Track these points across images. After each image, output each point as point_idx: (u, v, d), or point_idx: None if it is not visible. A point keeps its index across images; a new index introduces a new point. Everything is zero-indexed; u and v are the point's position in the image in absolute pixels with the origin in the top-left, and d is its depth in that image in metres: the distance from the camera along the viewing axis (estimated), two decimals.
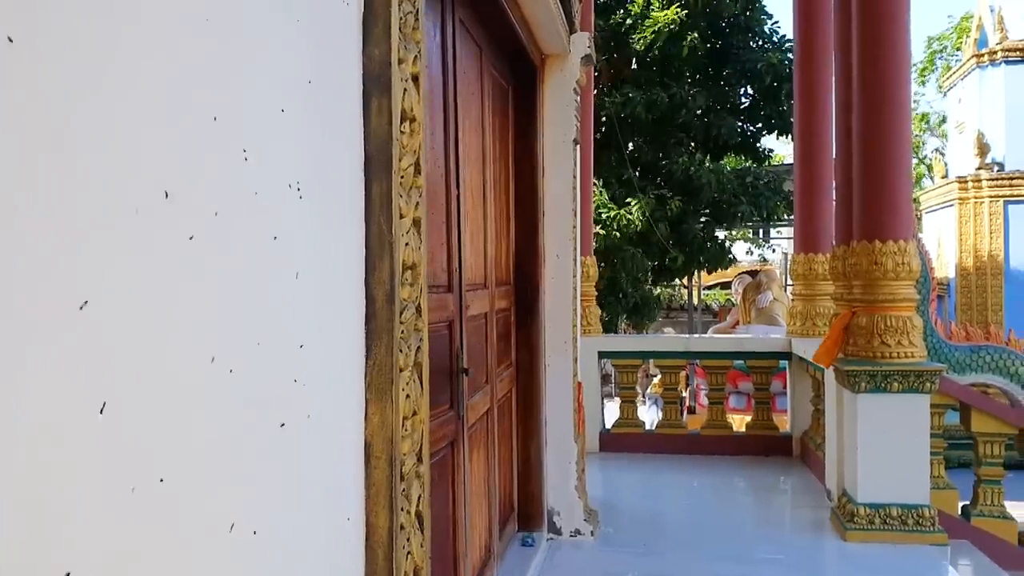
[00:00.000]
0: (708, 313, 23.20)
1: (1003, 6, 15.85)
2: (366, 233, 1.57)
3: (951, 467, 6.90)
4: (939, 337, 5.49)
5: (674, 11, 11.40)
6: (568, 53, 4.75)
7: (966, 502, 5.58)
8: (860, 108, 5.07)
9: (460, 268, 3.36)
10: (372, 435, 1.57)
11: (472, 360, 3.62)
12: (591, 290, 7.57)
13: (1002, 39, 15.66)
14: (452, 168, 3.28)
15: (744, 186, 12.72)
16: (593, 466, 6.67)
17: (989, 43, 16.06)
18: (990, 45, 15.97)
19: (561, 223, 4.83)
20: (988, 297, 15.59)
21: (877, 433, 4.87)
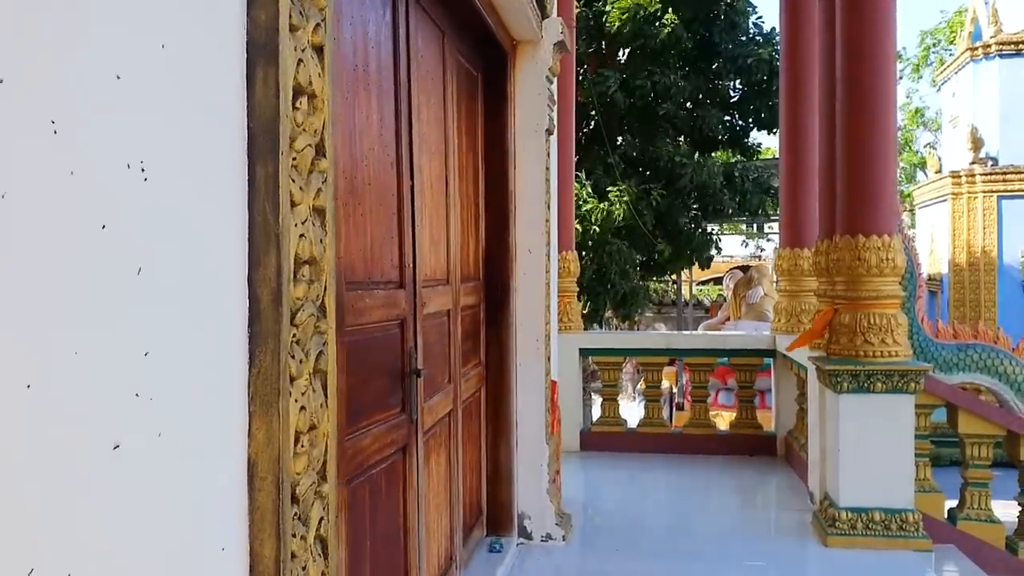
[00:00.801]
0: (700, 309, 23.04)
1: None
2: (249, 223, 1.38)
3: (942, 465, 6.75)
4: (925, 335, 5.31)
5: None
6: (540, 39, 4.56)
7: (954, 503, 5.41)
8: (843, 98, 4.88)
9: (414, 263, 3.17)
10: (256, 453, 1.38)
11: (431, 360, 3.44)
12: (572, 286, 7.38)
13: (996, 32, 15.48)
14: (405, 157, 3.09)
15: (731, 181, 12.53)
16: (573, 466, 6.50)
17: (983, 36, 15.87)
18: (984, 38, 15.79)
19: (533, 217, 4.64)
20: (981, 293, 15.43)
21: (860, 435, 4.69)
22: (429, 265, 3.44)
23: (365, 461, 2.68)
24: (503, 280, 4.54)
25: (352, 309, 2.56)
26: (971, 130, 15.66)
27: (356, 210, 2.63)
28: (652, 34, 11.62)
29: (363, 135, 2.71)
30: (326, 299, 1.57)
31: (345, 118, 2.56)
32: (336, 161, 2.49)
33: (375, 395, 2.79)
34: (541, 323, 4.65)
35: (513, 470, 4.52)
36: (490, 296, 4.53)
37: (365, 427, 2.69)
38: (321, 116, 1.54)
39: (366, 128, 2.74)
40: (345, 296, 2.50)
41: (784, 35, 7.20)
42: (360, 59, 2.72)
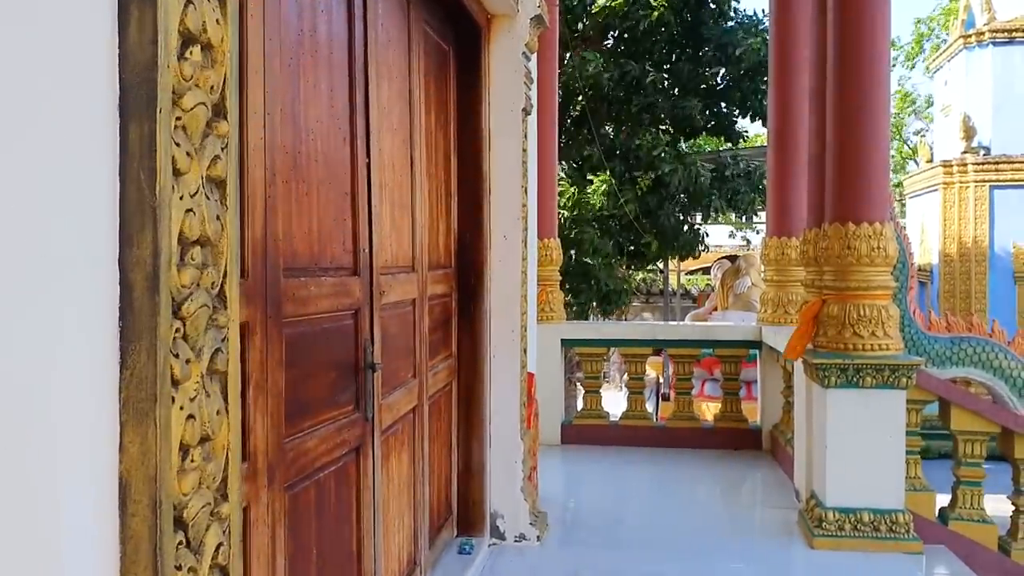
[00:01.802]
0: (688, 298, 22.86)
1: None
2: (120, 194, 1.14)
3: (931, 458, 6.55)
4: (917, 328, 5.11)
5: None
6: (516, 13, 4.32)
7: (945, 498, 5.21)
8: (835, 81, 4.66)
9: (371, 248, 2.93)
10: (129, 472, 1.15)
11: (391, 353, 3.21)
12: (554, 274, 7.15)
13: (990, 19, 15.27)
14: (360, 132, 2.85)
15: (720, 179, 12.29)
16: (553, 460, 6.30)
17: (977, 24, 15.67)
18: (977, 26, 15.58)
19: (509, 201, 4.41)
20: (972, 284, 15.27)
21: (848, 432, 4.49)
22: (390, 251, 3.21)
23: (310, 464, 2.45)
24: (477, 268, 4.31)
25: (293, 298, 2.33)
26: (963, 119, 15.48)
27: (299, 188, 2.40)
28: (640, 16, 11.36)
29: (309, 105, 2.47)
30: (226, 287, 1.33)
31: (287, 86, 2.32)
32: (274, 132, 2.26)
33: (323, 392, 2.56)
34: (517, 313, 4.42)
35: (486, 467, 4.30)
36: (463, 284, 4.29)
37: (310, 427, 2.46)
38: (221, 70, 1.30)
39: (313, 98, 2.50)
40: (283, 283, 2.27)
41: (773, 20, 6.97)
42: (307, 23, 2.48)
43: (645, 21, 11.35)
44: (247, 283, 2.07)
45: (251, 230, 2.09)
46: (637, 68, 11.64)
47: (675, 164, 11.29)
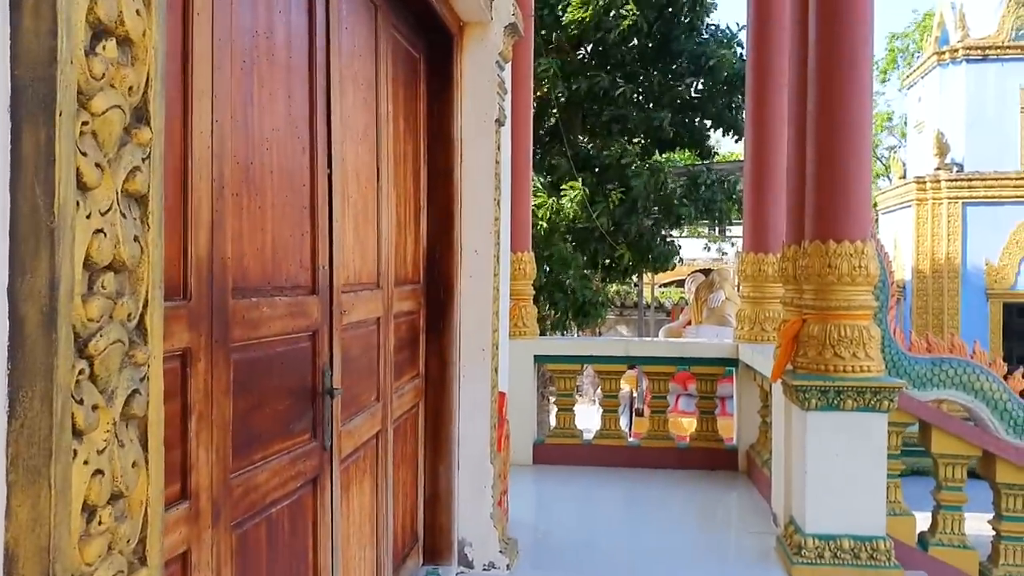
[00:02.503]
0: (662, 311, 22.80)
1: (964, 4, 15.54)
2: (11, 212, 0.97)
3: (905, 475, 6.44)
4: (898, 348, 4.99)
5: None
6: (489, 21, 4.17)
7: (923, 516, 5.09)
8: (816, 96, 4.54)
9: (331, 265, 2.76)
10: (16, 541, 0.97)
11: (353, 376, 3.03)
12: (527, 288, 6.99)
13: (963, 37, 15.34)
14: (321, 142, 2.68)
15: (694, 187, 12.20)
16: (524, 481, 6.12)
17: (950, 41, 15.74)
18: (951, 43, 15.65)
19: (481, 214, 4.24)
20: (945, 301, 15.29)
21: (828, 456, 4.35)
22: (352, 267, 3.03)
23: (261, 500, 2.26)
24: (446, 283, 4.14)
25: (243, 320, 2.15)
26: (937, 135, 15.52)
27: (252, 201, 2.22)
28: (612, 25, 11.24)
29: (264, 112, 2.30)
30: (147, 318, 1.15)
31: (239, 91, 2.15)
32: (223, 141, 2.09)
33: (276, 421, 2.38)
34: (488, 331, 4.25)
35: (453, 493, 4.12)
36: (431, 301, 4.12)
37: (262, 460, 2.28)
38: (143, 69, 1.12)
39: (268, 105, 2.33)
40: (232, 305, 2.09)
41: (751, 32, 6.87)
42: (262, 24, 2.30)
43: (616, 31, 11.25)
44: (190, 306, 1.89)
45: (195, 248, 1.91)
46: (606, 79, 11.53)
47: (642, 172, 11.18)
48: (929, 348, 5.02)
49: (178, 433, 1.88)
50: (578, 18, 11.08)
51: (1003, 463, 4.76)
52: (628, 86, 11.55)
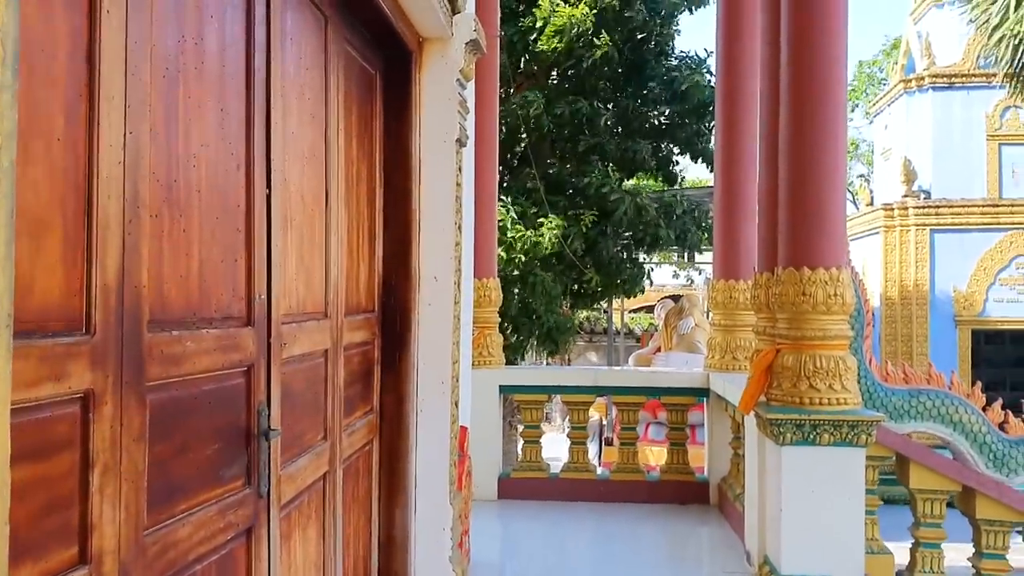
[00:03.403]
0: (631, 337, 22.66)
1: (930, 32, 15.66)
2: None
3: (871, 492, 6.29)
4: (874, 379, 4.83)
5: (582, 10, 10.71)
6: (450, 37, 3.97)
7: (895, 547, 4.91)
8: (789, 120, 4.40)
9: (270, 293, 2.52)
10: None
11: (295, 414, 2.79)
12: (493, 316, 6.78)
13: (929, 65, 15.45)
14: (259, 159, 2.45)
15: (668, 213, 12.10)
16: (489, 516, 5.88)
17: (917, 69, 15.84)
18: (917, 71, 15.75)
19: (441, 239, 4.03)
20: (914, 328, 15.27)
21: (805, 493, 4.16)
22: (296, 295, 2.80)
23: (183, 557, 2.01)
24: (403, 312, 3.91)
25: (162, 357, 1.91)
26: (904, 162, 15.57)
27: (175, 223, 1.99)
28: (585, 56, 11.15)
29: (192, 125, 2.08)
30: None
31: (160, 100, 1.92)
32: (138, 155, 1.86)
33: (201, 468, 2.13)
34: (447, 362, 4.02)
35: (410, 536, 3.86)
36: (387, 331, 3.89)
37: (184, 512, 2.03)
38: None
39: (197, 117, 2.11)
40: (148, 339, 1.85)
41: (720, 58, 6.75)
42: (190, 29, 2.08)
43: (589, 60, 11.15)
44: (93, 341, 1.65)
45: (101, 276, 1.68)
46: (587, 106, 11.42)
47: (623, 195, 11.05)
48: (906, 379, 4.87)
49: (76, 488, 1.63)
50: (552, 47, 10.97)
51: (983, 498, 4.60)
52: (604, 114, 11.45)
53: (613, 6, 11.09)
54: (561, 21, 10.79)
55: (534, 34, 11.20)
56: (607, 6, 11.02)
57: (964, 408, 4.76)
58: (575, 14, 10.74)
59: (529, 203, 11.37)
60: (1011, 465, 4.69)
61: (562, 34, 10.91)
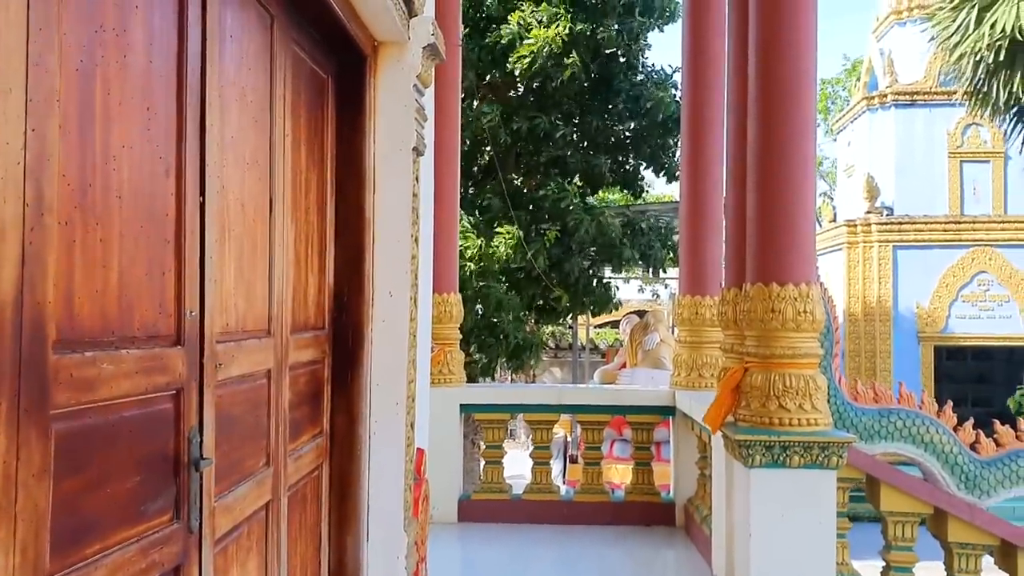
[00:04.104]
0: (596, 353, 22.53)
1: (893, 50, 15.77)
2: None
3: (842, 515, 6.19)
4: (844, 398, 4.71)
5: (554, 31, 10.60)
6: (406, 40, 3.80)
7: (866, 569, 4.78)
8: (758, 134, 4.28)
9: (203, 309, 2.32)
10: None
11: (234, 440, 2.58)
12: (454, 332, 6.59)
13: (892, 82, 15.55)
14: (191, 163, 2.25)
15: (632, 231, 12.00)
16: (448, 542, 5.68)
17: (879, 86, 15.94)
18: (880, 88, 15.85)
19: (396, 252, 3.83)
20: (877, 344, 15.30)
21: (774, 517, 4.02)
22: (234, 312, 2.60)
23: None
24: (356, 329, 3.71)
25: (71, 381, 1.71)
26: (867, 179, 15.64)
27: (89, 232, 1.79)
28: (554, 75, 11.03)
29: (112, 124, 1.88)
30: None
31: (73, 95, 1.73)
32: (44, 155, 1.64)
33: (120, 503, 1.93)
34: (403, 382, 3.82)
35: (362, 567, 3.65)
36: (338, 349, 3.68)
37: (98, 554, 1.82)
38: None
39: (119, 115, 1.91)
40: (54, 361, 1.65)
41: (686, 72, 6.64)
42: (111, 19, 1.89)
43: (558, 79, 11.03)
44: None
45: None
46: (546, 121, 11.30)
47: (582, 215, 10.93)
48: (876, 398, 4.75)
49: None
50: (523, 66, 10.82)
51: (955, 521, 4.49)
52: (568, 128, 11.33)
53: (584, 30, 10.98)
54: (534, 43, 10.65)
55: (501, 50, 11.05)
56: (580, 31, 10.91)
57: (935, 428, 4.65)
58: (549, 35, 10.62)
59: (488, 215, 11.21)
60: (983, 487, 4.59)
61: (535, 55, 10.78)
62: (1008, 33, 10.50)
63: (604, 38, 11.27)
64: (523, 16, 11.00)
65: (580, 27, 10.86)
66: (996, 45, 10.62)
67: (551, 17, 10.91)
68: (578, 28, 10.85)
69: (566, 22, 10.79)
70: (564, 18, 10.85)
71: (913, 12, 15.64)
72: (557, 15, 10.91)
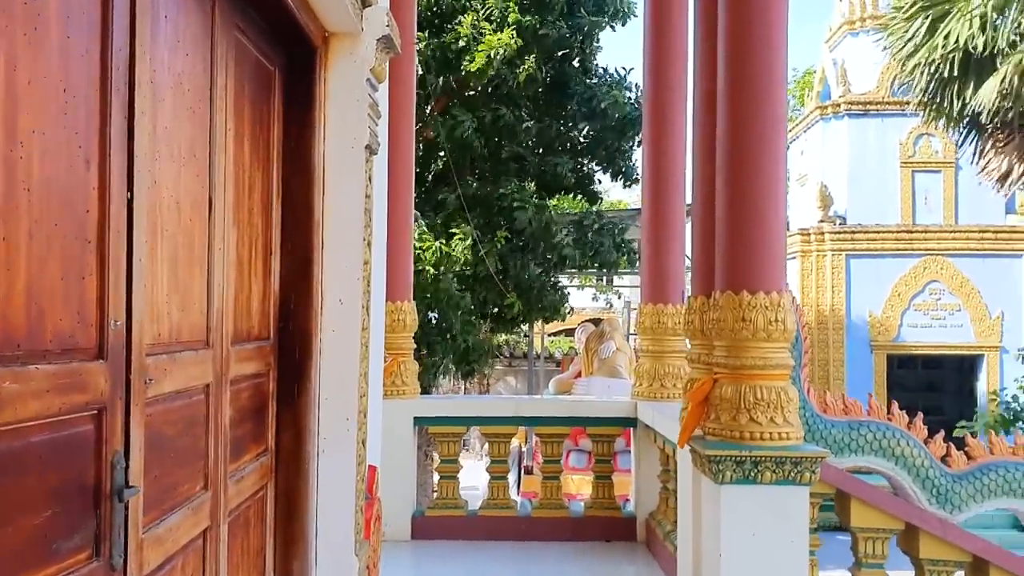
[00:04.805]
0: (551, 361, 22.37)
1: (846, 59, 15.88)
2: None
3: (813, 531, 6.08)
4: (813, 410, 4.57)
5: (508, 34, 10.42)
6: (360, 32, 3.57)
7: None
8: (727, 129, 4.11)
9: (129, 318, 2.07)
10: None
11: (167, 463, 2.33)
12: (408, 342, 6.33)
13: (845, 92, 15.64)
14: (117, 156, 2.00)
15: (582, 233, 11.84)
16: (401, 561, 5.44)
17: (832, 96, 16.03)
18: (833, 98, 15.94)
19: (347, 257, 3.60)
20: (830, 352, 15.34)
21: (746, 536, 3.84)
22: (168, 321, 2.34)
23: None
24: (304, 340, 3.46)
25: None
26: (820, 188, 15.70)
27: None
28: (511, 77, 10.83)
29: (19, 108, 1.63)
30: None
31: None
32: None
33: (27, 542, 1.67)
34: (354, 395, 3.58)
35: None
36: (285, 362, 3.43)
37: None
38: None
39: (28, 96, 1.66)
40: None
41: (647, 75, 6.44)
42: None
43: (514, 82, 10.84)
44: None
45: None
46: (511, 114, 11.08)
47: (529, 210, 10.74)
48: (846, 410, 4.61)
49: None
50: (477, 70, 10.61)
51: (927, 537, 4.36)
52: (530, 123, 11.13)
53: (532, 25, 10.81)
54: (487, 47, 10.46)
55: (455, 52, 10.83)
56: (527, 25, 10.74)
57: (906, 441, 4.52)
58: (502, 38, 10.43)
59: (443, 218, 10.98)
60: (955, 501, 4.47)
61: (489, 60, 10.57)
62: (961, 44, 10.57)
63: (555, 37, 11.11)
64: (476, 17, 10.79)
65: (527, 19, 10.67)
66: (950, 56, 10.69)
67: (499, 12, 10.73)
68: (525, 20, 10.66)
69: (515, 16, 10.61)
70: (512, 11, 10.67)
71: (866, 23, 15.76)
72: (506, 10, 10.73)
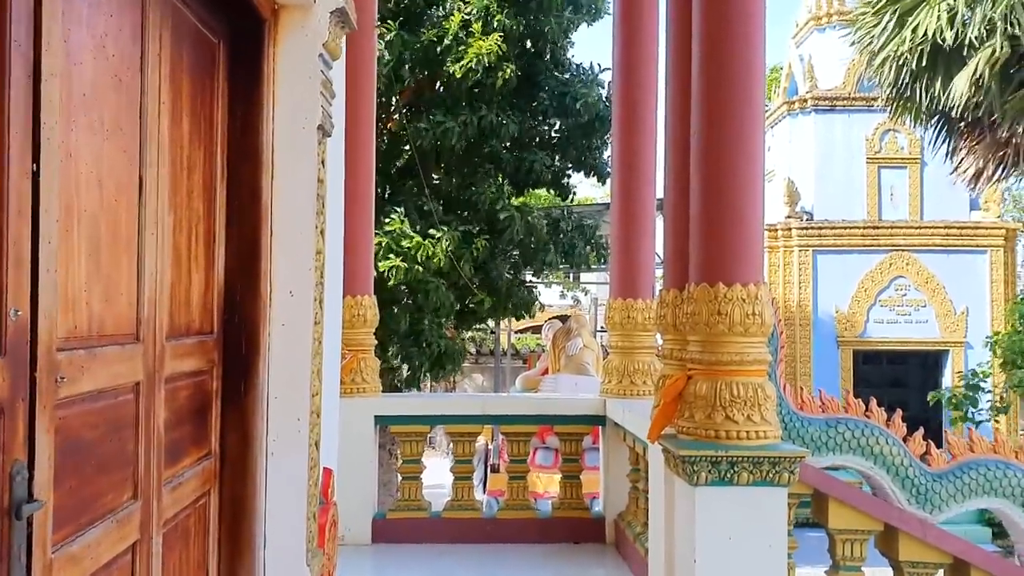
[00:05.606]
0: (518, 358, 22.17)
1: (813, 55, 15.84)
2: None
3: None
4: (789, 408, 4.39)
5: (494, 40, 10.18)
6: (312, 4, 3.32)
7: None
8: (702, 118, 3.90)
9: (35, 309, 1.81)
10: None
11: (85, 472, 2.07)
12: (368, 338, 6.08)
13: (812, 87, 15.60)
14: (17, 123, 1.75)
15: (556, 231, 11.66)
16: (361, 566, 5.22)
17: (799, 91, 15.99)
18: (800, 93, 15.90)
19: (298, 245, 3.34)
20: (797, 348, 15.29)
21: (721, 539, 3.65)
22: (87, 312, 2.09)
23: None
24: (250, 334, 3.21)
25: None
26: (787, 184, 15.65)
27: None
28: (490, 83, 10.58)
29: None
30: None
31: None
32: None
33: None
34: (306, 394, 3.33)
35: None
36: (230, 358, 3.17)
37: None
38: None
39: None
40: None
41: (617, 68, 6.23)
42: None
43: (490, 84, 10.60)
44: None
45: None
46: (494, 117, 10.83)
47: (512, 212, 10.53)
48: (823, 407, 4.44)
49: None
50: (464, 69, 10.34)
51: (906, 538, 4.20)
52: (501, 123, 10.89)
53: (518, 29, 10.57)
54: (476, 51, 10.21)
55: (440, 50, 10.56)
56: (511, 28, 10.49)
57: (885, 439, 4.36)
58: (488, 45, 10.19)
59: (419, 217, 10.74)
60: (934, 501, 4.32)
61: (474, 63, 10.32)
62: (930, 37, 10.48)
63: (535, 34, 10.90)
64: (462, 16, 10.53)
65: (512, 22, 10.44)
66: (918, 49, 10.60)
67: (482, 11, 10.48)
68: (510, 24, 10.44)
69: (499, 18, 10.36)
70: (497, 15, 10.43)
71: (832, 19, 15.72)
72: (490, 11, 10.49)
